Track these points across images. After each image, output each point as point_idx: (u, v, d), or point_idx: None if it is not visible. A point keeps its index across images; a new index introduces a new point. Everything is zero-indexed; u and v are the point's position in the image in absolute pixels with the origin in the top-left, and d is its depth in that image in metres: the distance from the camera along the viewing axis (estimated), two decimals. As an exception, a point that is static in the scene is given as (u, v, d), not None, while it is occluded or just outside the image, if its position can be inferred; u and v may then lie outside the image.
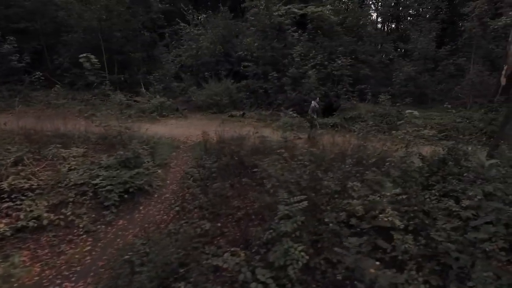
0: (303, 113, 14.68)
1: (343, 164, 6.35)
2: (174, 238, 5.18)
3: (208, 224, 5.71)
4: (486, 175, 4.67)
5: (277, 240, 4.53)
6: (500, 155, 7.66)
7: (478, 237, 4.51)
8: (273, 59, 17.03)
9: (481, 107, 13.67)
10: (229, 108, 16.26)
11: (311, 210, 5.49)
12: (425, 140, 8.02)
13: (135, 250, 4.60)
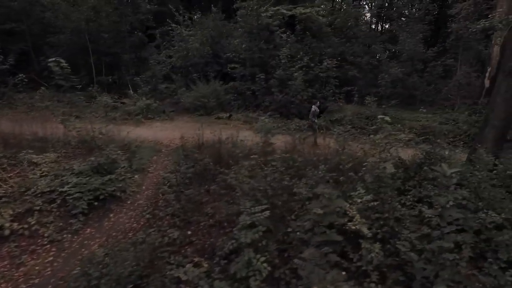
0: (289, 115, 14.65)
1: (316, 170, 6.27)
2: (139, 248, 5.06)
3: (177, 232, 5.60)
4: (447, 184, 4.60)
5: (240, 250, 4.43)
6: (477, 159, 7.64)
7: (444, 246, 4.43)
8: (261, 60, 16.94)
9: (467, 109, 13.67)
10: (216, 110, 16.15)
11: (280, 218, 5.40)
12: (403, 144, 7.95)
13: (95, 262, 4.48)
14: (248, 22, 17.05)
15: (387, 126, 6.39)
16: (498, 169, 7.29)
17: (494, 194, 6.37)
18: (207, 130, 12.53)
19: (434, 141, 7.53)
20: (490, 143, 7.88)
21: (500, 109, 7.63)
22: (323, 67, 14.57)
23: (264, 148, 8.52)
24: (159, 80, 19.21)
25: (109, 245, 5.28)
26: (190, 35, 20.26)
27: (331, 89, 14.72)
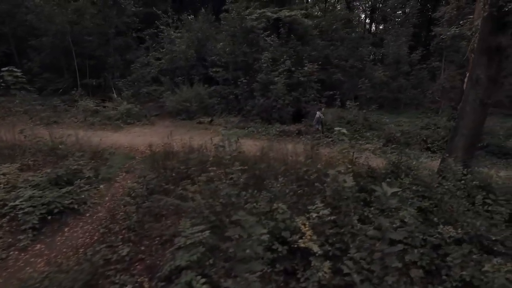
0: (270, 119, 14.50)
1: (275, 182, 6.13)
2: (84, 266, 4.91)
3: (128, 248, 5.45)
4: (387, 205, 4.47)
5: (181, 270, 4.29)
6: (446, 169, 7.52)
7: (391, 266, 4.30)
8: (245, 64, 16.80)
9: (448, 114, 13.57)
10: (199, 114, 16.00)
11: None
12: (372, 153, 7.83)
13: (30, 283, 4.33)
14: (231, 25, 16.89)
15: (344, 139, 6.22)
16: (466, 179, 7.18)
17: (457, 206, 6.25)
18: (185, 135, 12.46)
19: (402, 149, 7.38)
20: (460, 152, 7.76)
21: (468, 118, 7.51)
22: (303, 71, 14.42)
23: (233, 156, 8.37)
24: (147, 82, 19.12)
25: (55, 263, 5.12)
26: (177, 37, 20.16)
27: (312, 93, 14.56)
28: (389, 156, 7.45)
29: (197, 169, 7.82)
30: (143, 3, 27.93)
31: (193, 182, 6.83)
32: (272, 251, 5.19)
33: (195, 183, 6.54)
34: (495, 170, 9.95)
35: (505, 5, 6.16)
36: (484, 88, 7.14)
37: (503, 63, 7.00)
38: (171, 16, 21.90)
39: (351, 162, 7.61)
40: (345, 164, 7.56)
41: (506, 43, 6.71)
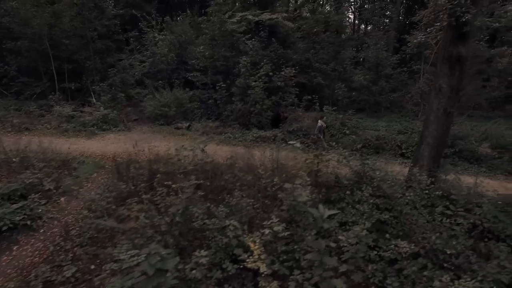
0: (249, 124, 14.35)
1: (233, 195, 5.98)
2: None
3: (74, 268, 5.25)
4: (326, 226, 4.37)
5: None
6: (411, 180, 7.46)
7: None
8: (224, 68, 16.63)
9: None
10: (178, 119, 15.79)
11: (179, 253, 5.09)
12: (338, 162, 7.71)
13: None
14: (211, 29, 16.71)
15: (297, 151, 6.07)
16: (429, 189, 7.13)
17: (416, 218, 6.19)
18: (159, 142, 12.26)
19: (364, 159, 7.28)
20: (426, 160, 7.73)
21: (433, 126, 7.47)
22: (281, 76, 14.30)
23: (197, 166, 8.21)
24: (131, 85, 18.88)
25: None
26: (160, 39, 19.94)
27: (290, 98, 14.46)
28: (353, 165, 7.33)
29: (161, 179, 7.67)
30: (129, 4, 27.75)
31: (152, 194, 6.65)
32: (223, 270, 5.05)
33: (155, 195, 6.37)
34: (464, 176, 10.02)
35: (462, 15, 6.11)
36: (447, 97, 7.11)
37: (465, 72, 6.95)
38: (154, 17, 21.66)
39: (316, 172, 7.53)
40: (309, 174, 7.50)
41: (466, 53, 6.68)
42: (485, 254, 5.82)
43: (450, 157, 10.92)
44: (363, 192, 6.30)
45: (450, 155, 10.87)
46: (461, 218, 6.47)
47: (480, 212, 6.92)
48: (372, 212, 6.09)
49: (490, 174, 10.17)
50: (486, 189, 8.99)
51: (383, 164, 10.17)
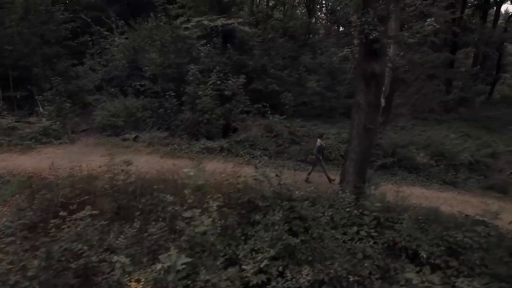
0: (198, 135, 13.94)
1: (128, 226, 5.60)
2: None
3: None
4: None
5: None
6: (333, 198, 7.35)
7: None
8: (177, 75, 16.14)
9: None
10: (128, 129, 15.16)
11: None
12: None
13: None
14: (161, 35, 16.19)
15: (190, 178, 5.66)
16: (350, 207, 7.03)
17: (328, 241, 6.04)
18: (98, 157, 11.65)
19: (279, 172, 7.05)
20: (351, 176, 7.65)
21: (355, 142, 7.39)
22: (228, 85, 13.99)
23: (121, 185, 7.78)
24: (90, 91, 18.08)
25: None
26: (115, 45, 19.23)
27: (239, 107, 14.19)
28: (274, 182, 7.06)
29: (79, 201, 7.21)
30: (90, 6, 26.68)
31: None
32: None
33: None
34: (401, 186, 10.07)
35: (370, 33, 6.01)
36: (365, 113, 7.03)
37: (380, 88, 6.89)
38: (114, 21, 20.88)
39: (238, 191, 7.26)
40: (230, 194, 7.22)
41: (380, 69, 6.61)
42: (392, 278, 5.74)
43: (390, 167, 10.98)
44: (275, 215, 6.06)
45: (390, 164, 10.93)
46: (376, 238, 6.40)
47: (400, 228, 6.89)
48: (282, 236, 5.86)
49: (426, 184, 10.28)
50: (417, 200, 9.10)
51: (316, 177, 10.19)
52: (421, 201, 9.16)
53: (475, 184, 10.06)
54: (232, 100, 14.86)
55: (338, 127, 15.64)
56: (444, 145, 11.32)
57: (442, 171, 10.63)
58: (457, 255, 6.26)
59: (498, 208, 8.00)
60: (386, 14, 6.18)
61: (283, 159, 11.90)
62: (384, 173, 10.75)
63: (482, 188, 9.88)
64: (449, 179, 10.21)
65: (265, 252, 5.45)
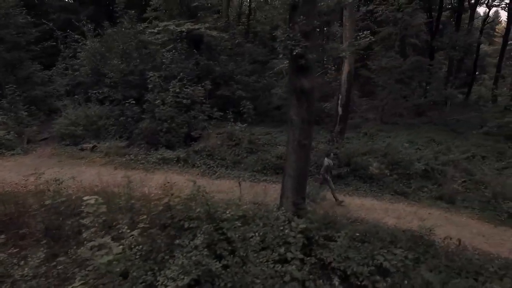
0: (157, 144, 13.60)
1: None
2: None
3: None
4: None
5: None
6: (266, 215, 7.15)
7: None
8: (140, 82, 15.74)
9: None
10: (89, 138, 14.71)
11: None
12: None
13: None
14: (123, 40, 15.78)
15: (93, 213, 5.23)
16: (284, 226, 6.84)
17: (250, 266, 5.83)
18: (46, 169, 11.19)
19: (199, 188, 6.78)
20: (290, 192, 7.47)
21: (292, 158, 7.22)
22: (187, 93, 13.67)
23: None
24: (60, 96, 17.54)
25: None
26: (85, 49, 18.68)
27: (200, 115, 13.91)
28: (208, 200, 6.77)
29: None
30: (63, 9, 25.98)
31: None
32: None
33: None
34: (353, 198, 9.97)
35: (294, 48, 5.83)
36: (299, 129, 6.87)
37: (312, 104, 6.73)
38: (85, 24, 20.29)
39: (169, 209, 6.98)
40: (160, 213, 6.94)
41: (309, 85, 6.44)
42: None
43: (346, 177, 10.87)
44: (196, 239, 5.82)
45: (345, 174, 10.82)
46: (305, 259, 6.23)
47: (334, 247, 6.74)
48: (202, 261, 5.62)
49: (378, 195, 10.20)
50: (366, 213, 9.01)
51: (259, 189, 9.96)
52: (369, 213, 9.08)
53: (426, 194, 10.01)
54: (195, 108, 14.56)
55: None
56: (399, 154, 11.24)
57: (396, 181, 10.56)
58: (386, 275, 6.14)
59: (437, 222, 8.00)
60: (311, 29, 5.99)
61: (240, 170, 11.66)
62: (339, 183, 10.62)
63: (432, 198, 9.83)
64: (400, 189, 10.13)
65: (179, 280, 5.21)
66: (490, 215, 8.93)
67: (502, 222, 8.63)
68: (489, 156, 14.29)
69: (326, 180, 9.19)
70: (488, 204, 9.27)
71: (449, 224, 8.56)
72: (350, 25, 11.20)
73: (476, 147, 15.42)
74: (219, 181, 10.98)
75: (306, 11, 5.89)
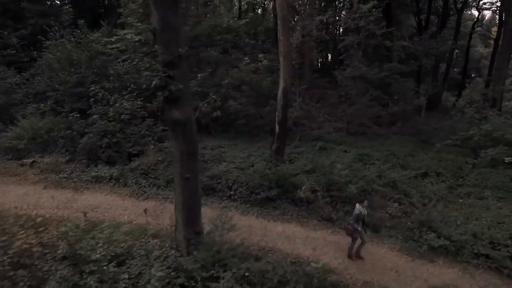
0: (97, 160, 13.20)
1: None
2: None
3: None
4: None
5: None
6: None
7: None
8: (89, 94, 15.38)
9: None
10: (35, 151, 14.36)
11: None
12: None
13: None
14: (66, 51, 15.44)
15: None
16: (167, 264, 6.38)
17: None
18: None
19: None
20: (181, 226, 7.01)
21: (177, 192, 6.78)
22: (122, 107, 13.23)
23: None
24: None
25: None
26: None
27: (141, 130, 13.48)
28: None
29: None
30: (42, 13, 25.68)
31: None
32: None
33: None
34: (275, 224, 9.46)
35: (152, 79, 5.37)
36: (179, 162, 6.40)
37: (191, 135, 6.24)
38: (58, 29, 19.98)
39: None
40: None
41: (181, 117, 5.96)
42: None
43: (276, 199, 10.35)
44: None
45: (274, 197, 10.30)
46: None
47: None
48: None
49: (304, 220, 9.68)
50: (282, 244, 8.50)
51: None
52: (284, 243, 8.60)
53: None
54: (136, 122, 14.04)
55: (258, 147, 15.03)
56: (334, 175, 10.64)
57: (327, 205, 10.00)
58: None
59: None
60: (176, 57, 5.52)
61: (172, 190, 11.19)
62: (266, 207, 10.13)
63: (358, 226, 9.24)
64: (327, 215, 9.58)
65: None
66: (411, 246, 8.35)
67: (421, 255, 8.06)
68: (445, 172, 13.66)
69: (356, 231, 7.77)
70: (413, 234, 8.67)
71: (364, 257, 8.02)
72: (285, 39, 10.68)
73: (438, 161, 14.81)
74: (145, 202, 10.56)
75: (166, 39, 5.43)
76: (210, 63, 16.83)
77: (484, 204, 10.61)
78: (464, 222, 8.83)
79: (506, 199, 11.16)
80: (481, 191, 11.89)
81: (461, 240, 8.04)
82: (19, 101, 18.56)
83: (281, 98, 11.34)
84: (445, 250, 8.12)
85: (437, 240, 8.16)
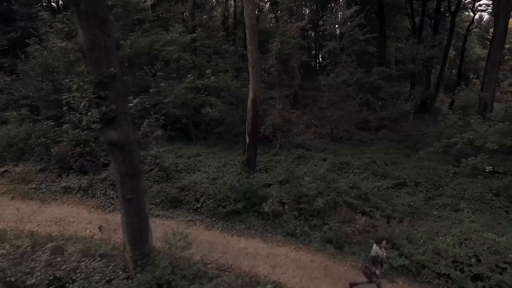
0: (68, 169, 12.99)
1: None
2: None
3: None
4: None
5: None
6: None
7: None
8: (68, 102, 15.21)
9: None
10: (10, 159, 14.25)
11: None
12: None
13: None
14: (39, 59, 15.27)
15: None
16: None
17: None
18: None
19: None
20: (128, 247, 6.81)
21: (122, 213, 6.58)
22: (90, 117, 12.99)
23: None
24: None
25: None
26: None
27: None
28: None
29: None
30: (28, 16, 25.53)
31: None
32: None
33: None
34: (240, 239, 9.23)
35: (81, 100, 5.18)
36: (120, 183, 6.21)
37: (132, 156, 6.04)
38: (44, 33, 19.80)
39: None
40: None
41: (119, 137, 5.76)
42: None
43: (243, 212, 10.14)
44: None
45: (241, 210, 10.09)
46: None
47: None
48: None
49: (268, 236, 9.45)
50: (243, 261, 8.27)
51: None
52: (244, 260, 8.38)
53: (318, 236, 9.19)
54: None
55: (233, 156, 14.81)
56: (302, 187, 10.39)
57: (295, 219, 9.77)
58: None
59: (313, 273, 7.28)
60: (107, 77, 5.31)
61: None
62: (232, 221, 9.91)
63: (323, 241, 8.99)
64: (291, 230, 9.34)
65: None
66: (372, 265, 8.10)
67: (381, 274, 7.80)
68: (425, 182, 13.38)
69: (374, 274, 6.97)
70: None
71: (324, 277, 7.79)
72: (253, 48, 10.43)
73: (419, 169, 14.52)
74: (111, 215, 10.37)
75: (96, 58, 5.23)
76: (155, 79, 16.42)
77: (458, 217, 10.32)
78: (430, 238, 8.55)
79: (481, 211, 10.90)
80: (457, 202, 11.62)
81: (422, 260, 7.79)
82: (4, 105, 18.50)
83: (250, 109, 11.07)
84: (406, 269, 7.87)
85: (398, 259, 7.91)
